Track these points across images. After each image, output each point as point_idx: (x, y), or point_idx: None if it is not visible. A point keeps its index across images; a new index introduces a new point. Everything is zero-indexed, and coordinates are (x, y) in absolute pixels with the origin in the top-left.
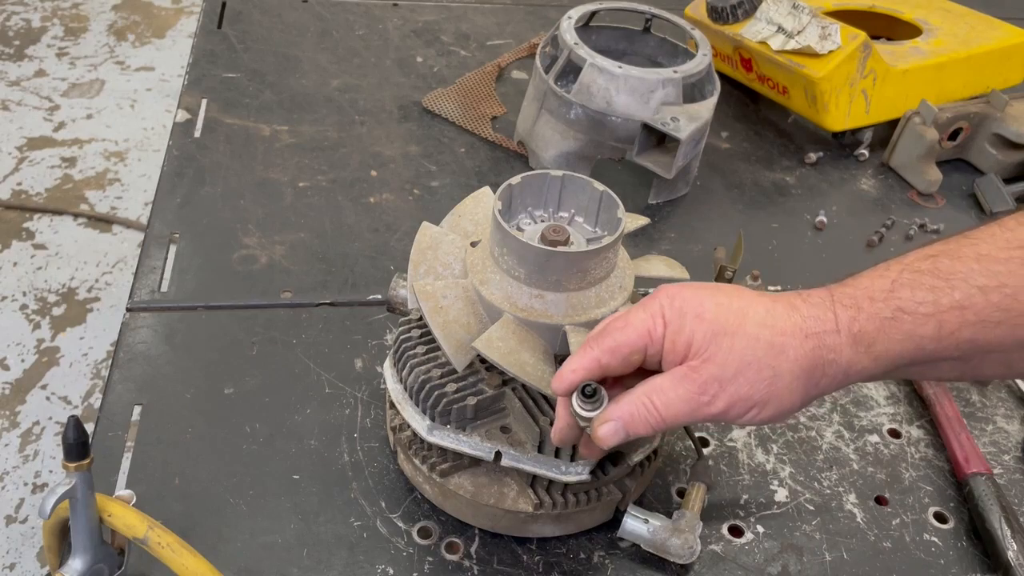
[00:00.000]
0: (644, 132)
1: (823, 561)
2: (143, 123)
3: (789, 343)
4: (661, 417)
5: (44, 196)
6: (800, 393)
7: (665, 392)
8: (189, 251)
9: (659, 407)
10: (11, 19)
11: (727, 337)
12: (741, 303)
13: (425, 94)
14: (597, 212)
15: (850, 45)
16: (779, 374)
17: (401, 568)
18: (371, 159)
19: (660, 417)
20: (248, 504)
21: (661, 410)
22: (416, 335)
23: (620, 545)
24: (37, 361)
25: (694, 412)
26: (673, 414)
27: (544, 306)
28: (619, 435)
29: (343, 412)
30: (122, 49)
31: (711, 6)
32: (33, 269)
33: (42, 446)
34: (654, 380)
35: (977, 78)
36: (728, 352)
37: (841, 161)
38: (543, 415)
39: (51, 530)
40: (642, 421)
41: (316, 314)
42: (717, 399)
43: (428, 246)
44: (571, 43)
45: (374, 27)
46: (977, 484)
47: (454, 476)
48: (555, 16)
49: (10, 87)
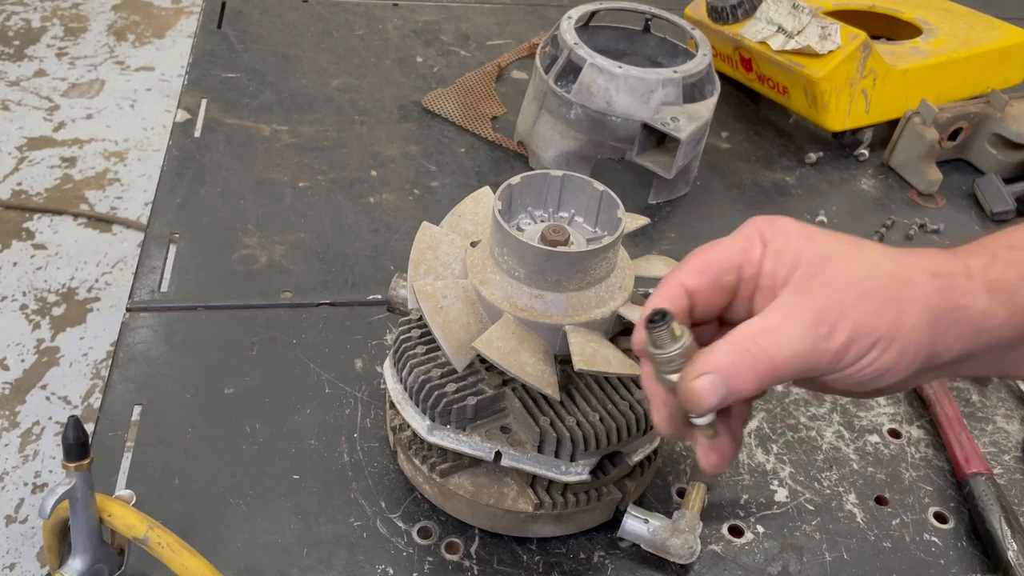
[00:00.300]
0: (644, 132)
1: (823, 561)
2: (143, 123)
3: (916, 277)
4: (772, 361)
5: (44, 196)
6: (926, 343)
7: (772, 329)
8: (189, 251)
9: (767, 348)
10: (11, 19)
11: (842, 260)
12: (851, 237)
13: (425, 94)
14: (597, 212)
15: (850, 45)
16: (905, 310)
17: (401, 568)
18: (371, 159)
19: (770, 362)
20: (248, 504)
21: (771, 351)
22: (416, 335)
23: (620, 545)
24: (37, 361)
25: (811, 351)
26: (786, 356)
27: (544, 306)
28: (719, 391)
29: (343, 412)
30: (122, 49)
31: (711, 6)
32: (33, 269)
33: (42, 446)
34: (753, 320)
35: (977, 78)
36: (845, 274)
37: (841, 161)
38: (543, 415)
39: (51, 530)
40: (747, 369)
41: (316, 314)
42: (837, 330)
43: (428, 246)
44: (571, 43)
45: (374, 27)
46: (977, 484)
47: (454, 476)
48: (555, 16)
49: (10, 87)
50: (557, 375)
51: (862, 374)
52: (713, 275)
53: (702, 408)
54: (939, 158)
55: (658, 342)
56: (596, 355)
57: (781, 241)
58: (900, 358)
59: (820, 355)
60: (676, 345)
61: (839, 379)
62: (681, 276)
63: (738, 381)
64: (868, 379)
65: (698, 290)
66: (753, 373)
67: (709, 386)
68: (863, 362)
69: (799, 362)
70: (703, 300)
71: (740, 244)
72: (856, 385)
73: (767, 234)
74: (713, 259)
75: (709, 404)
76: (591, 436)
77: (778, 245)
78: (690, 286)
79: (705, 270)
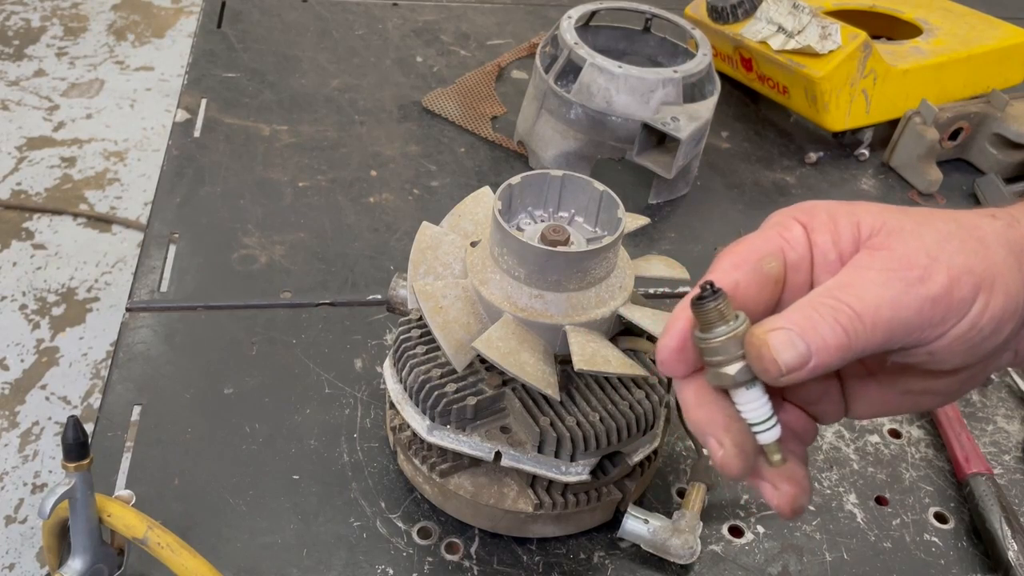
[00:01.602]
0: (644, 132)
1: (823, 561)
2: (143, 123)
3: (977, 219)
4: (855, 311)
5: (43, 196)
6: (1019, 276)
7: (849, 282)
8: (189, 251)
9: (848, 299)
10: (10, 19)
11: (908, 219)
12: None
13: (425, 94)
14: (597, 212)
15: (850, 45)
16: (989, 247)
17: (401, 568)
18: (371, 159)
19: (853, 312)
20: (248, 504)
21: (853, 302)
22: (416, 335)
23: (620, 545)
24: (36, 361)
25: (903, 298)
26: (873, 304)
27: (544, 306)
28: (797, 346)
29: (343, 412)
30: (122, 49)
31: (711, 6)
32: (32, 269)
33: (41, 446)
34: (829, 281)
35: (977, 78)
36: (919, 225)
37: (841, 161)
38: (543, 415)
39: (50, 530)
40: (828, 323)
41: (316, 314)
42: (933, 272)
43: (428, 246)
44: (571, 43)
45: (374, 27)
46: (977, 484)
47: (454, 476)
48: (555, 16)
49: (9, 87)
50: (557, 375)
51: (980, 327)
52: (752, 264)
53: (777, 369)
54: (939, 158)
55: (709, 322)
56: (596, 355)
57: (824, 215)
58: (1008, 301)
59: (919, 304)
60: (733, 325)
61: (950, 345)
62: (714, 276)
63: (818, 336)
64: (986, 336)
65: (739, 285)
66: (836, 327)
67: (786, 341)
68: (975, 310)
69: (890, 313)
70: (748, 297)
71: (773, 231)
72: (971, 350)
73: (802, 216)
74: (746, 250)
75: (787, 361)
76: (591, 436)
77: (822, 219)
78: (728, 282)
79: (741, 263)
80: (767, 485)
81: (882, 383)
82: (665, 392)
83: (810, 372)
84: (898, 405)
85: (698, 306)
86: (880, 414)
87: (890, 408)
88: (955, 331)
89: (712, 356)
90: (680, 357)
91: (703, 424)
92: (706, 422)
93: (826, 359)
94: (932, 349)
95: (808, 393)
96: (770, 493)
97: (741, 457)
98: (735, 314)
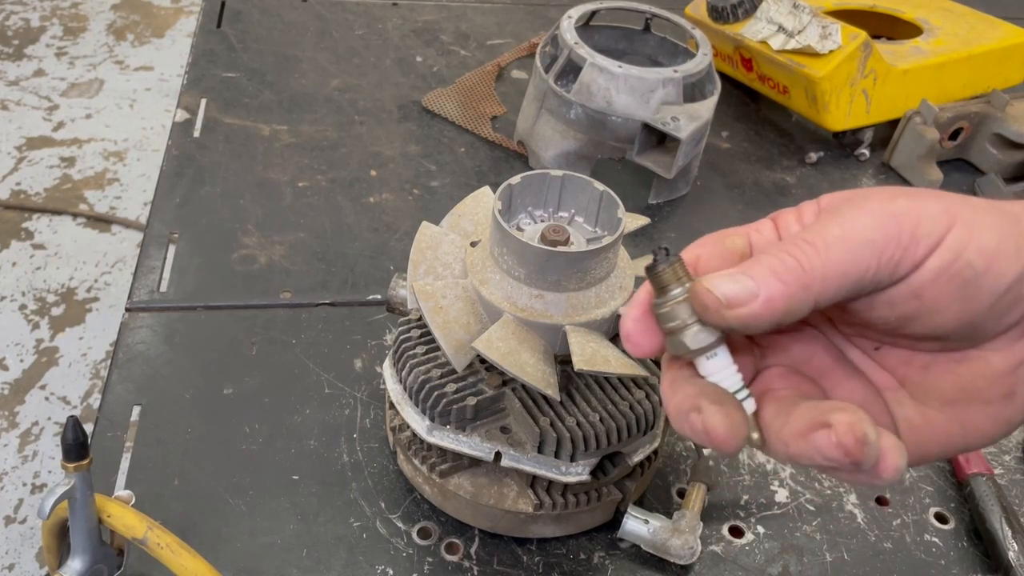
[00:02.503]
0: (644, 132)
1: (823, 562)
2: (142, 123)
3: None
4: (805, 240)
5: (43, 196)
6: (1008, 223)
7: (822, 227)
8: (188, 251)
9: (801, 235)
10: (10, 19)
11: (875, 190)
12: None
13: (425, 94)
14: (597, 212)
15: (851, 45)
16: (967, 199)
17: (401, 568)
18: (371, 159)
19: (804, 240)
20: (247, 504)
21: (806, 235)
22: (416, 335)
23: (620, 546)
24: (36, 361)
25: (860, 217)
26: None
27: (544, 306)
28: (738, 280)
29: (343, 412)
30: (121, 49)
31: (711, 5)
32: (32, 269)
33: (41, 446)
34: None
35: (978, 78)
36: (886, 190)
37: (842, 161)
38: (543, 415)
39: (50, 530)
40: (775, 256)
41: (316, 314)
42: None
43: (428, 246)
44: (571, 42)
45: (374, 27)
46: (978, 485)
47: (454, 476)
48: (555, 16)
49: (9, 87)
50: (557, 375)
51: (967, 260)
52: (714, 241)
53: (715, 300)
54: (940, 158)
55: (664, 285)
56: (596, 355)
57: (795, 211)
58: (1002, 240)
59: (880, 220)
60: (686, 286)
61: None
62: (682, 252)
63: (762, 268)
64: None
65: (700, 258)
66: (784, 256)
67: (725, 275)
68: (952, 237)
69: (843, 232)
70: (710, 269)
71: (746, 225)
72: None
73: (781, 214)
74: (712, 234)
75: (725, 292)
76: (591, 436)
77: (794, 213)
78: (690, 256)
79: (705, 242)
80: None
81: (917, 398)
82: None
83: (767, 306)
84: (945, 429)
85: (651, 270)
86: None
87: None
88: (935, 260)
89: (668, 322)
90: (644, 327)
91: (681, 404)
92: (683, 400)
93: (782, 290)
94: (915, 287)
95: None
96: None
97: (722, 413)
98: (692, 278)
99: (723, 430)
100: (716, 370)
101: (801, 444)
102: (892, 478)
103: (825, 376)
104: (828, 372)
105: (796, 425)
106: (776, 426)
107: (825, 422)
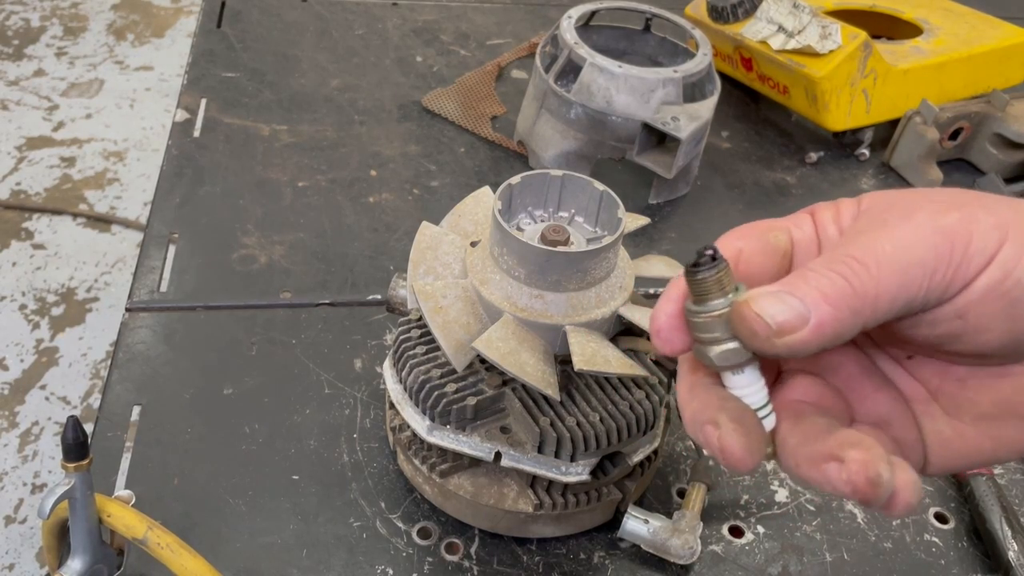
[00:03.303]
0: (644, 132)
1: (823, 562)
2: (142, 123)
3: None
4: (854, 258)
5: (43, 196)
6: None
7: (850, 240)
8: (188, 251)
9: (847, 250)
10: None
11: (915, 190)
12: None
13: (425, 94)
14: (597, 212)
15: (851, 44)
16: (1012, 201)
17: (401, 569)
18: (370, 159)
19: (853, 258)
20: (247, 504)
21: (853, 251)
22: (416, 335)
23: (620, 546)
24: (36, 361)
25: (910, 233)
26: (873, 247)
27: (544, 306)
28: (787, 301)
29: (343, 412)
30: (121, 49)
31: (711, 5)
32: (32, 269)
33: (41, 446)
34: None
35: (978, 78)
36: (929, 190)
37: (842, 161)
38: (543, 415)
39: (50, 530)
40: (825, 275)
41: (315, 314)
42: (943, 209)
43: (428, 246)
44: (571, 42)
45: (373, 27)
46: (978, 484)
47: (454, 476)
48: (555, 16)
49: (9, 87)
50: (557, 375)
51: (1018, 277)
52: (758, 234)
53: (765, 327)
54: (940, 158)
55: (704, 294)
56: (596, 355)
57: (833, 207)
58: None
59: (929, 237)
60: (732, 298)
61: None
62: (720, 242)
63: (813, 288)
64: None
65: (743, 252)
66: (834, 276)
67: (773, 296)
68: (1005, 253)
69: (894, 251)
70: (753, 264)
71: (786, 219)
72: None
73: (817, 210)
74: (752, 225)
75: (775, 316)
76: (591, 436)
77: (831, 210)
78: (732, 250)
79: (746, 233)
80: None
81: (949, 411)
82: (665, 392)
83: (816, 332)
84: (977, 443)
85: (693, 274)
86: (961, 460)
87: (969, 447)
88: (984, 279)
89: (702, 332)
90: (676, 324)
91: (698, 413)
92: (701, 409)
93: (832, 315)
94: (960, 307)
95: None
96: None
97: (741, 433)
98: (736, 286)
99: (740, 450)
100: (742, 385)
101: (812, 471)
102: (902, 514)
103: (852, 386)
104: (855, 382)
105: (810, 451)
106: (791, 444)
107: (838, 456)
